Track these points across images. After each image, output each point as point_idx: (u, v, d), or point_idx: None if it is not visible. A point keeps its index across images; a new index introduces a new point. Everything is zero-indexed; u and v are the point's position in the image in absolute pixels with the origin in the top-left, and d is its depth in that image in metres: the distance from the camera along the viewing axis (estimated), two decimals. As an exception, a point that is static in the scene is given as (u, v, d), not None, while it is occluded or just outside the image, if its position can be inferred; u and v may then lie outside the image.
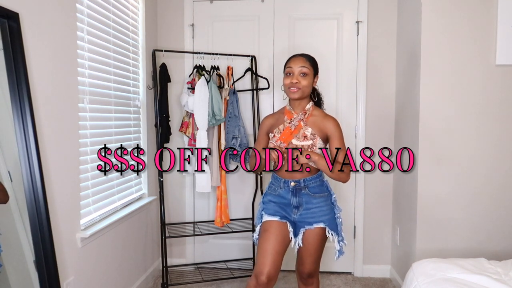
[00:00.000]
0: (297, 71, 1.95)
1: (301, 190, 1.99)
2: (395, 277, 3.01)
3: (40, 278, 1.63)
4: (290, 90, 1.96)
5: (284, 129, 2.00)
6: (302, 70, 1.95)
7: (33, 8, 1.68)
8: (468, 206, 2.52)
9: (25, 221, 1.62)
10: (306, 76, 1.95)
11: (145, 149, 2.94)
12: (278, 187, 2.03)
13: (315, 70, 2.01)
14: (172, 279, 3.03)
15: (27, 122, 1.59)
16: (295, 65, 1.96)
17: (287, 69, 1.99)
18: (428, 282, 1.81)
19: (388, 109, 3.10)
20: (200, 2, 3.19)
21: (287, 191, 2.00)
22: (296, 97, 1.96)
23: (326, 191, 2.04)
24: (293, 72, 1.96)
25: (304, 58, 1.98)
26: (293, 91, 1.95)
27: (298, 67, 1.95)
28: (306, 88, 1.96)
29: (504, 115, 2.48)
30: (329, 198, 2.03)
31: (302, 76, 1.95)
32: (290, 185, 1.99)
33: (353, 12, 3.10)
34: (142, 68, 2.92)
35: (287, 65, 1.99)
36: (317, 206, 1.99)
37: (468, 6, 2.45)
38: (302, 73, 1.95)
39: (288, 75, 1.98)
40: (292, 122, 2.00)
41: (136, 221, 2.75)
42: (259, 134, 2.14)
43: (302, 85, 1.94)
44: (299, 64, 1.95)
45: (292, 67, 1.97)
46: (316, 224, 1.98)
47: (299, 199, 1.99)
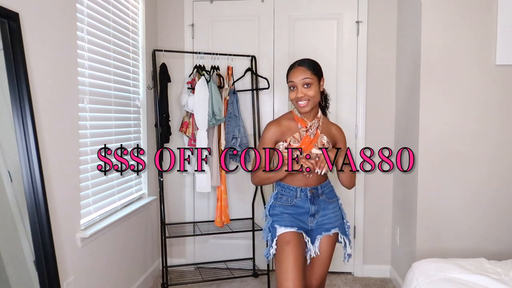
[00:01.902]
0: (300, 83, 1.84)
1: (319, 197, 1.93)
2: (395, 277, 3.01)
3: (40, 278, 1.63)
4: (298, 104, 1.87)
5: (302, 138, 1.90)
6: (305, 82, 1.84)
7: (33, 8, 1.68)
8: (468, 206, 2.52)
9: (25, 221, 1.62)
10: (311, 86, 1.84)
11: (145, 149, 2.94)
12: (293, 197, 1.91)
13: (318, 75, 1.89)
14: (172, 279, 3.03)
15: (27, 122, 1.59)
16: (296, 77, 1.85)
17: (289, 83, 1.89)
18: (428, 282, 1.81)
19: (388, 109, 3.10)
20: (200, 2, 3.19)
21: (304, 199, 1.91)
22: (307, 110, 1.87)
23: (335, 196, 2.02)
24: (295, 85, 1.86)
25: (304, 68, 1.86)
26: (302, 106, 1.86)
27: (300, 80, 1.84)
28: (314, 98, 1.86)
29: (504, 115, 2.48)
30: (338, 203, 2.01)
31: (306, 88, 1.84)
32: (308, 193, 1.91)
33: (353, 12, 3.10)
34: (142, 68, 2.92)
35: (288, 79, 1.89)
36: (332, 212, 1.95)
37: (468, 6, 2.45)
38: (305, 84, 1.84)
39: (292, 89, 1.88)
40: (310, 131, 1.91)
41: (136, 221, 2.75)
42: (264, 143, 1.93)
43: (309, 96, 1.84)
44: (300, 76, 1.84)
45: (293, 80, 1.86)
46: (333, 230, 1.93)
47: (317, 206, 1.92)
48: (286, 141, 1.90)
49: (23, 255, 1.65)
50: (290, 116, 1.98)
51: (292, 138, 1.91)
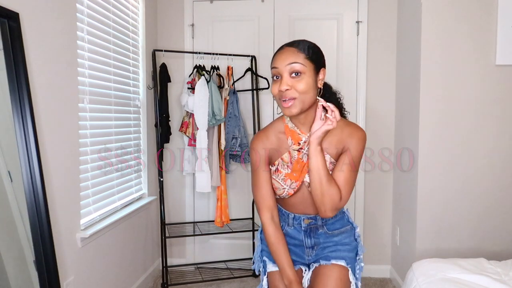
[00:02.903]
0: (286, 70, 1.29)
1: (317, 229, 1.50)
2: (395, 277, 3.01)
3: (40, 278, 1.63)
4: (282, 103, 1.31)
5: (293, 162, 1.40)
6: (293, 68, 1.28)
7: (33, 8, 1.68)
8: (468, 206, 2.52)
9: (25, 221, 1.62)
10: (302, 76, 1.29)
11: (145, 149, 2.94)
12: (285, 224, 1.52)
13: (316, 63, 1.33)
14: (172, 279, 3.03)
15: (27, 122, 1.59)
16: (281, 61, 1.30)
17: (272, 71, 1.34)
18: (428, 282, 1.81)
19: (388, 109, 3.10)
20: (200, 2, 3.19)
21: (298, 230, 1.50)
22: (294, 113, 1.30)
23: (348, 223, 1.55)
24: (280, 73, 1.30)
25: (295, 49, 1.31)
26: (286, 105, 1.29)
27: (286, 65, 1.29)
28: (305, 94, 1.29)
29: (504, 115, 2.48)
30: (352, 232, 1.54)
31: (295, 78, 1.29)
32: (303, 223, 1.49)
33: (353, 12, 3.10)
34: (142, 68, 2.92)
35: (272, 65, 1.34)
36: (340, 243, 1.51)
37: (468, 6, 2.45)
38: (294, 73, 1.28)
39: (275, 79, 1.33)
40: (303, 151, 1.40)
41: (136, 221, 2.75)
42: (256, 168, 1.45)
43: (298, 91, 1.28)
44: (287, 60, 1.29)
45: (277, 66, 1.30)
46: (335, 260, 1.46)
47: (315, 240, 1.51)
48: (274, 165, 1.44)
49: (23, 255, 1.65)
50: (279, 126, 1.45)
51: (281, 160, 1.42)
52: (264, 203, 1.44)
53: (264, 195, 1.43)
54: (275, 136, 1.44)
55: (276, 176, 1.43)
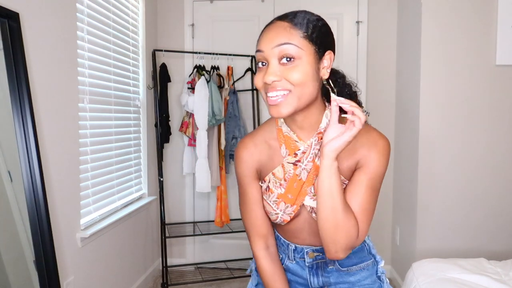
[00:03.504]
0: (274, 55, 0.92)
1: (327, 265, 1.12)
2: (395, 277, 3.01)
3: (40, 278, 1.63)
4: (268, 99, 0.94)
5: (288, 179, 1.03)
6: (284, 52, 0.90)
7: (33, 8, 1.68)
8: (468, 206, 2.52)
9: (25, 221, 1.62)
10: (296, 63, 0.90)
11: (145, 149, 2.94)
12: (285, 256, 1.15)
13: (319, 43, 0.93)
14: (172, 279, 3.03)
15: (27, 122, 1.59)
16: (268, 43, 0.93)
17: (257, 55, 0.97)
18: (428, 282, 1.81)
19: (388, 109, 3.10)
20: (200, 2, 3.19)
21: (301, 266, 1.13)
22: (284, 114, 0.92)
23: (369, 256, 1.18)
24: (266, 59, 0.94)
25: (288, 23, 0.93)
26: (273, 103, 0.92)
27: (274, 47, 0.91)
28: (303, 87, 0.91)
29: (504, 115, 2.48)
30: (374, 269, 1.18)
31: (286, 64, 0.91)
32: (306, 257, 1.12)
33: (353, 12, 3.10)
34: (142, 68, 2.92)
35: (257, 47, 0.98)
36: (356, 284, 1.14)
37: (468, 6, 2.45)
38: (285, 58, 0.91)
39: (260, 66, 0.96)
40: (302, 164, 1.01)
41: (136, 221, 2.75)
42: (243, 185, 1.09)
43: (292, 83, 0.90)
44: (276, 40, 0.91)
45: (263, 49, 0.94)
46: None
47: (324, 279, 1.13)
48: (264, 181, 1.07)
49: (23, 255, 1.65)
50: (271, 129, 1.08)
51: (272, 176, 1.05)
52: (254, 230, 1.09)
53: (255, 220, 1.08)
54: (265, 143, 1.06)
55: (267, 196, 1.06)
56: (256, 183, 1.08)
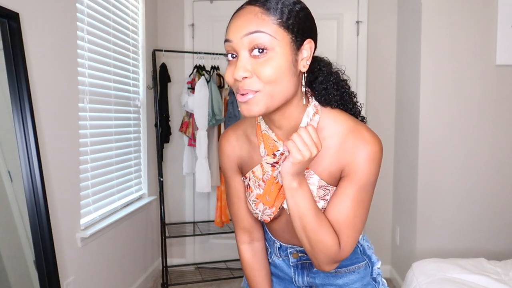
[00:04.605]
0: (243, 45, 0.80)
1: (313, 267, 1.06)
2: (395, 277, 3.01)
3: (40, 278, 1.63)
4: (238, 96, 0.83)
5: (267, 181, 0.95)
6: (254, 42, 0.79)
7: (33, 8, 1.68)
8: (468, 206, 2.52)
9: (25, 221, 1.62)
10: (269, 55, 0.79)
11: (145, 149, 2.94)
12: (272, 252, 1.11)
13: (295, 31, 0.82)
14: (172, 279, 3.03)
15: (27, 122, 1.59)
16: (236, 31, 0.82)
17: (225, 45, 0.85)
18: (428, 282, 1.81)
19: (388, 109, 3.10)
20: (200, 2, 3.19)
21: (286, 263, 1.09)
22: (255, 113, 0.82)
23: (362, 258, 1.10)
24: (235, 50, 0.82)
25: (260, 8, 0.82)
26: (243, 100, 0.81)
27: (243, 36, 0.80)
28: (275, 84, 0.80)
29: (504, 115, 2.48)
30: (368, 271, 1.10)
31: (258, 57, 0.80)
32: (291, 257, 1.07)
33: (353, 12, 3.10)
34: (142, 68, 2.92)
35: (225, 36, 0.85)
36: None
37: (468, 6, 2.45)
38: (256, 49, 0.79)
39: (230, 58, 0.84)
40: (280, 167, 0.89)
41: (136, 221, 2.75)
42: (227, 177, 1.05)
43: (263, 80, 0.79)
44: (245, 27, 0.81)
45: (231, 39, 0.82)
46: None
47: (310, 280, 1.08)
48: (246, 178, 1.01)
49: (23, 255, 1.65)
50: (253, 122, 0.99)
51: (252, 175, 0.98)
52: (238, 224, 1.05)
53: (238, 214, 1.04)
54: (246, 138, 0.98)
55: (247, 194, 0.99)
56: (239, 177, 1.02)
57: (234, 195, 1.04)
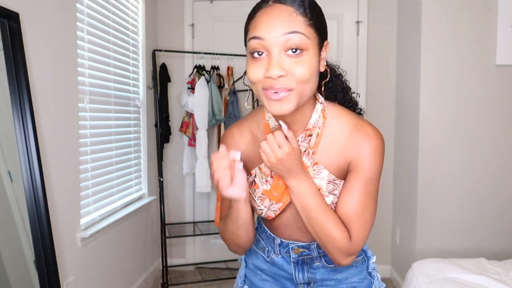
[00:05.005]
0: (279, 44, 0.80)
1: (313, 262, 1.06)
2: (395, 277, 3.01)
3: (40, 278, 1.63)
4: (268, 94, 0.82)
5: (275, 177, 0.96)
6: (290, 42, 0.79)
7: (33, 8, 1.68)
8: (468, 206, 2.52)
9: (25, 221, 1.62)
10: (304, 55, 0.81)
11: (145, 149, 2.94)
12: (271, 251, 1.09)
13: (321, 31, 0.87)
14: (172, 279, 3.03)
15: (27, 122, 1.59)
16: (271, 29, 0.79)
17: (252, 43, 0.82)
18: (428, 282, 1.81)
19: (388, 109, 3.10)
20: (200, 2, 3.19)
21: (286, 260, 1.08)
22: (287, 111, 0.83)
23: (359, 253, 1.10)
24: (267, 48, 0.81)
25: (291, 7, 0.81)
26: (277, 98, 0.81)
27: (281, 35, 0.79)
28: (307, 83, 0.82)
29: (504, 115, 2.48)
30: (364, 266, 1.11)
31: (293, 57, 0.80)
32: (292, 252, 1.06)
33: (353, 12, 3.10)
34: (142, 68, 2.92)
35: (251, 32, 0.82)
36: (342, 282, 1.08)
37: (468, 6, 2.45)
38: (292, 49, 0.80)
39: (256, 56, 0.82)
40: None
41: (136, 221, 2.75)
42: None
43: (297, 80, 0.81)
44: (283, 27, 0.79)
45: (263, 37, 0.80)
46: None
47: (310, 276, 1.08)
48: (251, 174, 1.00)
49: (23, 255, 1.65)
50: (260, 119, 1.00)
51: (258, 171, 0.99)
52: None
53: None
54: (251, 135, 0.99)
55: (252, 190, 0.99)
56: None
57: None
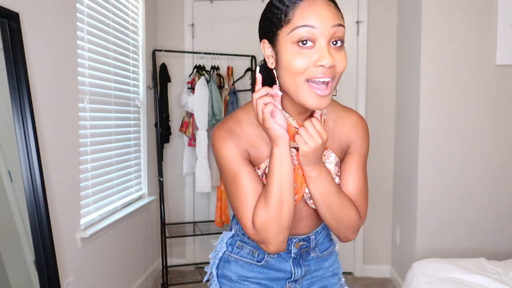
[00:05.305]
0: (327, 35, 0.81)
1: (309, 254, 1.09)
2: (395, 277, 3.01)
3: (40, 278, 1.63)
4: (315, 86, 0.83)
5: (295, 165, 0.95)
6: (337, 34, 0.82)
7: (33, 8, 1.68)
8: (468, 206, 2.52)
9: (25, 221, 1.62)
10: (343, 48, 0.85)
11: (145, 149, 2.94)
12: (265, 252, 1.05)
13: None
14: (172, 279, 3.03)
15: (27, 122, 1.59)
16: (323, 20, 0.81)
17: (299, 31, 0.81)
18: (428, 282, 1.81)
19: (388, 109, 3.10)
20: (200, 2, 3.19)
21: (284, 258, 1.06)
22: (325, 106, 0.86)
23: (332, 242, 1.17)
24: (315, 38, 0.81)
25: (330, 2, 0.84)
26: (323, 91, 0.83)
27: (331, 27, 0.81)
28: (340, 76, 0.87)
29: (504, 115, 2.48)
30: (335, 253, 1.18)
31: (335, 48, 0.83)
32: (293, 247, 1.05)
33: (353, 12, 3.10)
34: (142, 68, 2.92)
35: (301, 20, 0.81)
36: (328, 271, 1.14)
37: (468, 6, 2.45)
38: (336, 41, 0.83)
39: (301, 45, 0.82)
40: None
41: (136, 221, 2.75)
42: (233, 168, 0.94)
43: (338, 71, 0.84)
44: (332, 19, 0.81)
45: (315, 25, 0.80)
46: None
47: (306, 268, 1.09)
48: (259, 168, 0.98)
49: (23, 255, 1.65)
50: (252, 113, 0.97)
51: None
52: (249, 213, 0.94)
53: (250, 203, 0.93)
54: (255, 127, 0.96)
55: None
56: (250, 163, 0.95)
57: (248, 183, 0.92)
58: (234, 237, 1.10)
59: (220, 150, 0.95)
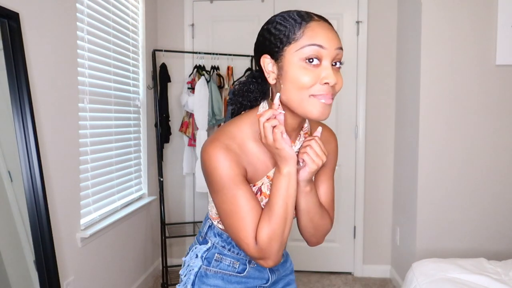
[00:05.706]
0: (331, 56, 0.89)
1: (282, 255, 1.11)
2: (395, 277, 3.01)
3: (40, 278, 1.63)
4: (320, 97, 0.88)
5: None
6: (339, 56, 0.90)
7: (33, 8, 1.68)
8: (468, 206, 2.52)
9: (25, 221, 1.62)
10: (341, 68, 0.93)
11: (145, 149, 2.94)
12: (245, 261, 1.07)
13: None
14: (172, 279, 3.02)
15: (27, 122, 1.59)
16: (331, 42, 0.88)
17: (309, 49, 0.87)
18: (428, 282, 1.81)
19: (388, 109, 3.10)
20: (200, 2, 3.19)
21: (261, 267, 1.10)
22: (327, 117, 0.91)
23: None
24: (322, 57, 0.88)
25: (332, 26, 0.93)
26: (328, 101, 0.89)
27: (336, 48, 0.89)
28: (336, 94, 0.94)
29: (504, 115, 2.48)
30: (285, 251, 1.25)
31: (336, 68, 0.90)
32: None
33: (353, 12, 3.10)
34: (142, 68, 2.92)
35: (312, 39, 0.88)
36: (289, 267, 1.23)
37: (468, 6, 2.45)
38: (337, 62, 0.91)
39: (309, 63, 0.88)
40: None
41: (136, 221, 2.75)
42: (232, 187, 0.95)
43: (337, 90, 0.91)
44: (336, 42, 0.89)
45: (325, 46, 0.87)
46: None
47: (278, 273, 1.16)
48: (255, 185, 1.00)
49: (23, 255, 1.65)
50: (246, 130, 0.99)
51: (267, 180, 1.00)
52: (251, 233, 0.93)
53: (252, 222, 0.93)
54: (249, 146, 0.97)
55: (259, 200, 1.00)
56: (247, 182, 0.96)
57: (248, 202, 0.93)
58: (210, 249, 1.08)
59: (218, 170, 0.94)
